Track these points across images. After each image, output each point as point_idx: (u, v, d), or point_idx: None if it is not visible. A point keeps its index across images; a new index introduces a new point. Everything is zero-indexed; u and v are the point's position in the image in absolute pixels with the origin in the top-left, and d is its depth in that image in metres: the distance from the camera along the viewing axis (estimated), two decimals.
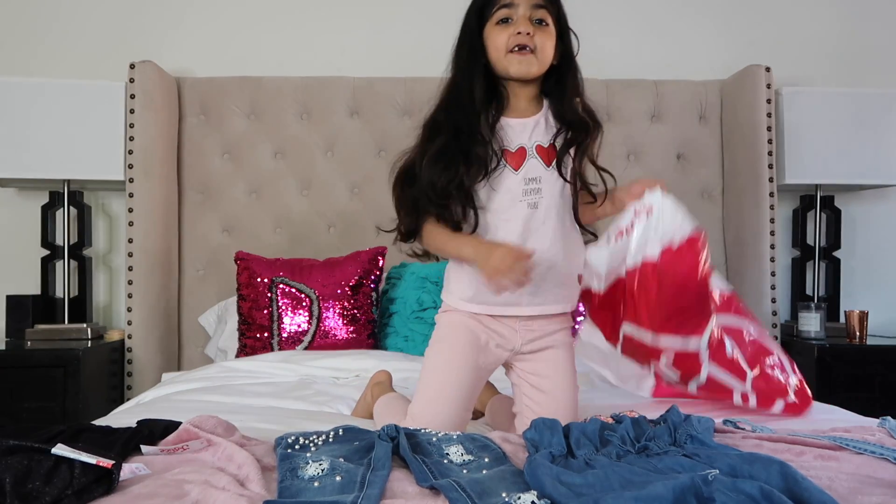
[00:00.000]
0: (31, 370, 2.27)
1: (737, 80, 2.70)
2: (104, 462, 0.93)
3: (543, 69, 1.47)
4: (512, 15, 1.45)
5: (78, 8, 2.79)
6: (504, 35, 1.44)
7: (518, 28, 1.43)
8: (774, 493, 0.83)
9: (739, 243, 2.68)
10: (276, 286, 2.37)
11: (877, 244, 2.93)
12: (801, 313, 2.57)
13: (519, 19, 1.44)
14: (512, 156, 1.44)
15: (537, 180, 1.44)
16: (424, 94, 2.66)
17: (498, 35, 1.45)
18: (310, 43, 2.84)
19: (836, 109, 2.63)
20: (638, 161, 2.76)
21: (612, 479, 0.93)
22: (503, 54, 1.45)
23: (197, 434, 1.12)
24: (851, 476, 1.01)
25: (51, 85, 2.52)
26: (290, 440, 1.11)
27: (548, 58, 1.47)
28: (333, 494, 0.93)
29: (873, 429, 1.24)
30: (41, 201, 2.68)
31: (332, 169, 2.74)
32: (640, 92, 2.76)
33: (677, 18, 2.89)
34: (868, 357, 2.46)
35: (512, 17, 1.45)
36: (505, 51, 1.44)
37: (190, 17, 2.82)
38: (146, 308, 2.54)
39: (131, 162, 2.52)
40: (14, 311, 2.57)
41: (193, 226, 2.72)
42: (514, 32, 1.43)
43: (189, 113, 2.72)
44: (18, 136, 2.48)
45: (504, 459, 1.07)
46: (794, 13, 2.90)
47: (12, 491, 0.88)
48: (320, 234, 2.73)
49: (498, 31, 1.45)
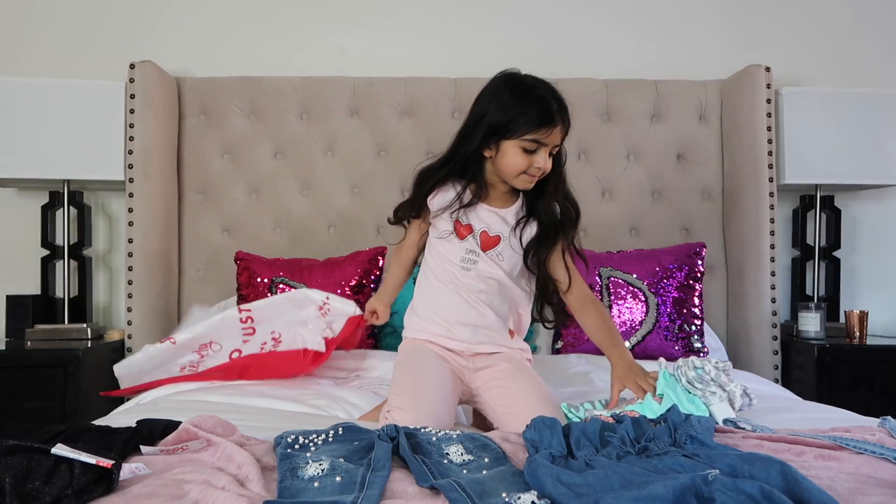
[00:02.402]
0: (31, 370, 2.27)
1: (737, 80, 2.69)
2: (104, 462, 0.93)
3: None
4: (538, 149, 1.56)
5: (78, 8, 2.79)
6: (524, 162, 1.57)
7: (539, 163, 1.56)
8: (775, 493, 0.83)
9: (739, 243, 2.68)
10: (276, 286, 2.37)
11: (877, 244, 2.93)
12: (801, 313, 2.57)
13: (542, 154, 1.56)
14: (461, 227, 1.65)
15: (475, 254, 1.64)
16: (424, 94, 2.71)
17: (519, 159, 1.57)
18: (310, 43, 2.84)
19: (836, 109, 2.63)
20: (638, 161, 2.76)
21: (613, 479, 0.93)
22: (514, 172, 1.58)
23: (196, 434, 1.12)
24: (852, 476, 1.01)
25: (51, 85, 2.52)
26: (290, 439, 1.11)
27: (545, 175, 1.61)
28: (333, 495, 0.93)
29: (873, 429, 1.23)
30: (41, 201, 2.68)
31: (332, 169, 2.74)
32: (640, 92, 2.76)
33: (677, 18, 2.89)
34: (868, 357, 2.46)
35: (538, 150, 1.56)
36: (518, 172, 1.58)
37: (190, 17, 2.82)
38: (146, 308, 2.54)
39: (131, 162, 2.52)
40: (14, 311, 2.57)
41: (193, 226, 2.72)
42: (535, 166, 1.56)
43: (189, 113, 2.72)
44: (18, 136, 2.48)
45: (504, 459, 1.07)
46: (794, 13, 2.90)
47: (12, 491, 0.87)
48: (320, 234, 2.73)
49: (520, 155, 1.57)
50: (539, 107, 1.54)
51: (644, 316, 2.32)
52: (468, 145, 1.60)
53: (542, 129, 1.54)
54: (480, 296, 1.64)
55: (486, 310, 1.64)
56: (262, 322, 1.96)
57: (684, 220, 2.77)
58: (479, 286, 1.64)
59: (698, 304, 2.36)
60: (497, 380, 1.59)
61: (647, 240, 2.72)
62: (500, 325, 1.67)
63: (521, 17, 2.85)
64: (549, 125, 1.54)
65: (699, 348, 2.32)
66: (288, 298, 2.01)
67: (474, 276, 1.63)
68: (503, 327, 1.67)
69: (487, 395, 1.59)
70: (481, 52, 2.81)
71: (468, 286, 1.64)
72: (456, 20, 2.86)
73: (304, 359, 1.82)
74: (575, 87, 2.73)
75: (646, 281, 2.35)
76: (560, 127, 1.56)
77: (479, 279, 1.63)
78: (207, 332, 1.95)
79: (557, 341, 2.38)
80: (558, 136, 1.57)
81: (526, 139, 1.54)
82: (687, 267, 2.37)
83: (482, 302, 1.64)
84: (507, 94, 1.57)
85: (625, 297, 2.34)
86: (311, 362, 1.83)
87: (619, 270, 2.37)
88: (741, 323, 2.67)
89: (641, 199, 2.77)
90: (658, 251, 2.45)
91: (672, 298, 2.33)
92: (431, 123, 2.70)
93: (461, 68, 2.76)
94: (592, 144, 2.75)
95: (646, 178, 2.77)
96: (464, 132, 1.62)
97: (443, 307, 1.66)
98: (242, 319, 1.96)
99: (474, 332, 1.64)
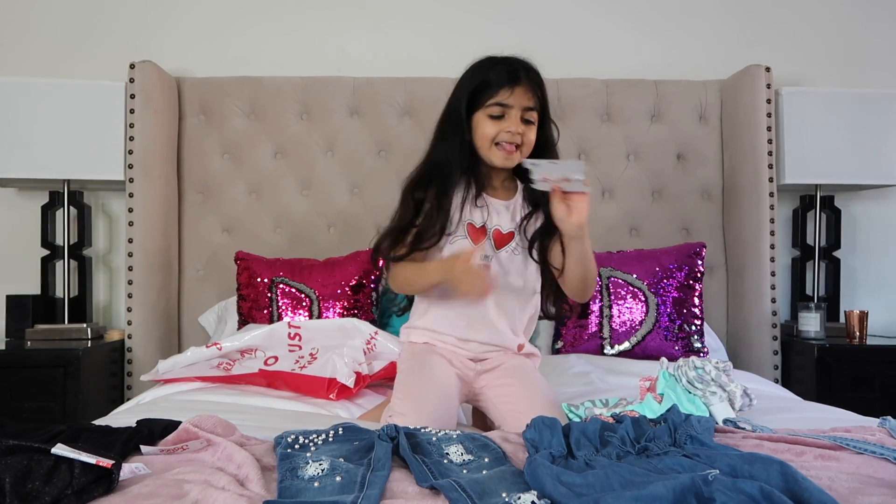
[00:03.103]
0: (31, 370, 2.27)
1: (737, 80, 2.69)
2: (104, 462, 0.93)
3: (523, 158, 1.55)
4: (505, 113, 1.52)
5: (78, 8, 2.79)
6: (494, 129, 1.52)
7: (509, 127, 1.51)
8: (775, 493, 0.83)
9: (739, 243, 2.68)
10: (276, 286, 2.37)
11: (877, 244, 2.93)
12: (801, 313, 2.57)
13: (511, 119, 1.52)
14: (475, 231, 1.58)
15: (488, 258, 1.58)
16: (424, 94, 2.71)
17: (488, 127, 1.53)
18: (310, 43, 2.84)
19: (836, 109, 2.63)
20: (638, 161, 2.76)
21: (613, 479, 0.93)
22: (489, 145, 1.54)
23: (196, 434, 1.12)
24: (852, 476, 1.01)
25: (51, 85, 2.51)
26: (290, 439, 1.11)
27: (530, 150, 1.56)
28: (333, 494, 0.92)
29: (873, 429, 1.23)
30: (41, 201, 2.68)
31: (332, 169, 2.74)
32: (640, 92, 2.76)
33: (677, 18, 2.89)
34: (868, 357, 2.46)
35: (505, 115, 1.52)
36: (491, 143, 1.53)
37: (190, 17, 2.82)
38: (146, 308, 2.54)
39: (131, 162, 2.52)
40: (14, 311, 2.56)
41: (193, 226, 2.72)
42: (505, 130, 1.52)
43: (189, 113, 2.72)
44: (18, 136, 2.48)
45: (504, 459, 1.07)
46: (794, 13, 2.90)
47: (12, 491, 0.87)
48: (320, 234, 2.73)
49: (489, 123, 1.52)
50: (497, 70, 1.53)
51: (644, 316, 2.32)
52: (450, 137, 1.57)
53: (502, 91, 1.51)
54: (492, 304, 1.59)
55: (499, 319, 1.60)
56: (309, 342, 1.94)
57: (684, 220, 2.77)
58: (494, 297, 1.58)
59: (698, 305, 2.36)
60: (502, 378, 1.57)
61: (647, 240, 2.72)
62: (511, 336, 1.62)
63: (521, 16, 2.85)
64: (509, 84, 1.51)
65: (699, 348, 2.32)
66: (339, 325, 1.99)
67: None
68: (514, 338, 1.63)
69: (491, 392, 1.57)
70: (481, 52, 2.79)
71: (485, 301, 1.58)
72: (456, 20, 2.86)
73: (329, 388, 1.76)
74: (575, 87, 2.74)
75: (646, 281, 2.35)
76: (524, 87, 1.52)
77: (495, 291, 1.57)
78: (254, 344, 1.94)
79: (557, 341, 2.38)
80: (524, 96, 1.52)
81: (490, 105, 1.52)
82: (687, 267, 2.37)
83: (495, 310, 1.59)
84: (469, 73, 1.59)
85: (625, 297, 2.34)
86: (337, 395, 1.77)
87: (619, 270, 2.37)
88: (741, 323, 2.67)
89: (641, 199, 2.77)
90: (658, 251, 2.45)
91: (672, 298, 2.34)
92: (431, 123, 2.65)
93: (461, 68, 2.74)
94: (592, 144, 2.75)
95: (646, 178, 2.77)
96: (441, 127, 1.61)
97: (452, 316, 1.61)
98: (290, 336, 1.95)
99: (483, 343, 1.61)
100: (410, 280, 1.58)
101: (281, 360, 1.89)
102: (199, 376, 1.91)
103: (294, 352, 1.92)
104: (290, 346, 1.94)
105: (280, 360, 1.89)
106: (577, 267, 1.54)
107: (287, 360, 1.88)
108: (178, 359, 1.94)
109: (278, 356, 1.91)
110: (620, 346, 2.31)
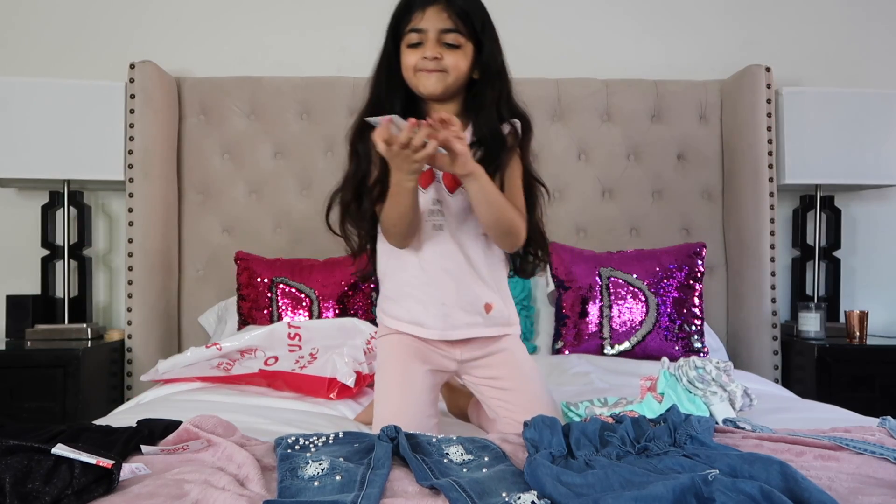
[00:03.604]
0: (31, 370, 2.27)
1: (737, 80, 2.69)
2: (104, 462, 0.93)
3: (454, 87, 1.48)
4: (422, 39, 1.47)
5: (78, 8, 2.79)
6: (413, 57, 1.47)
7: (426, 52, 1.45)
8: (774, 493, 0.83)
9: (739, 243, 2.68)
10: (276, 286, 2.37)
11: (877, 244, 2.93)
12: (801, 313, 2.57)
13: (428, 43, 1.46)
14: (423, 175, 1.43)
15: (441, 203, 1.48)
16: None
17: (408, 57, 1.48)
18: (310, 43, 2.84)
19: (836, 109, 2.63)
20: (638, 161, 2.76)
21: (612, 479, 0.93)
22: (412, 73, 1.48)
23: (197, 434, 1.12)
24: (851, 476, 1.01)
25: (51, 85, 2.51)
26: (290, 440, 1.11)
27: (460, 76, 1.48)
28: (333, 494, 0.93)
29: (873, 429, 1.24)
30: (41, 201, 2.68)
31: (332, 169, 2.73)
32: (640, 92, 2.76)
33: (677, 18, 2.89)
34: (868, 357, 2.47)
35: (422, 41, 1.47)
36: (413, 70, 1.47)
37: (190, 17, 2.82)
38: (146, 308, 2.54)
39: (131, 162, 2.52)
40: (14, 311, 2.57)
41: (193, 226, 2.72)
42: (422, 56, 1.46)
43: (189, 113, 2.72)
44: (18, 136, 2.48)
45: (504, 459, 1.07)
46: (794, 13, 2.90)
47: (12, 491, 0.87)
48: (320, 234, 2.69)
49: (409, 52, 1.48)
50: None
51: (644, 316, 2.32)
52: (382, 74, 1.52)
53: (415, 15, 1.46)
54: (452, 262, 1.47)
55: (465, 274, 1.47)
56: (309, 342, 1.94)
57: (684, 221, 2.77)
58: (450, 247, 1.47)
59: (698, 305, 2.37)
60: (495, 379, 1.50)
61: (647, 240, 2.72)
62: (481, 286, 1.49)
63: (521, 16, 2.84)
64: (420, 7, 1.45)
65: (699, 348, 2.32)
66: (339, 325, 2.00)
67: (448, 238, 1.47)
68: (484, 289, 1.49)
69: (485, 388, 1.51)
70: None
71: (441, 252, 1.46)
72: None
73: (329, 388, 1.76)
74: (575, 87, 2.74)
75: (646, 281, 2.35)
76: (437, 7, 1.45)
77: (452, 240, 1.47)
78: (254, 344, 1.94)
79: (557, 341, 2.38)
80: (436, 17, 1.45)
81: (408, 32, 1.47)
82: (687, 267, 2.37)
83: (456, 267, 1.47)
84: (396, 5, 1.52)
85: (625, 297, 2.34)
86: (337, 395, 1.77)
87: (619, 270, 2.37)
88: (741, 323, 2.67)
89: (641, 199, 2.77)
90: (658, 251, 2.45)
91: (672, 298, 2.34)
92: None
93: None
94: (592, 144, 2.75)
95: (646, 178, 2.77)
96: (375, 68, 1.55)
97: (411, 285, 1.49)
98: (290, 336, 1.95)
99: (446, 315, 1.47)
100: (390, 215, 1.45)
101: (281, 360, 1.89)
102: (199, 376, 1.91)
103: (294, 352, 1.93)
104: (290, 346, 1.94)
105: (280, 360, 1.89)
106: (486, 211, 1.42)
107: (287, 360, 1.89)
108: (178, 359, 1.94)
109: (278, 356, 1.91)
110: (620, 346, 2.31)
